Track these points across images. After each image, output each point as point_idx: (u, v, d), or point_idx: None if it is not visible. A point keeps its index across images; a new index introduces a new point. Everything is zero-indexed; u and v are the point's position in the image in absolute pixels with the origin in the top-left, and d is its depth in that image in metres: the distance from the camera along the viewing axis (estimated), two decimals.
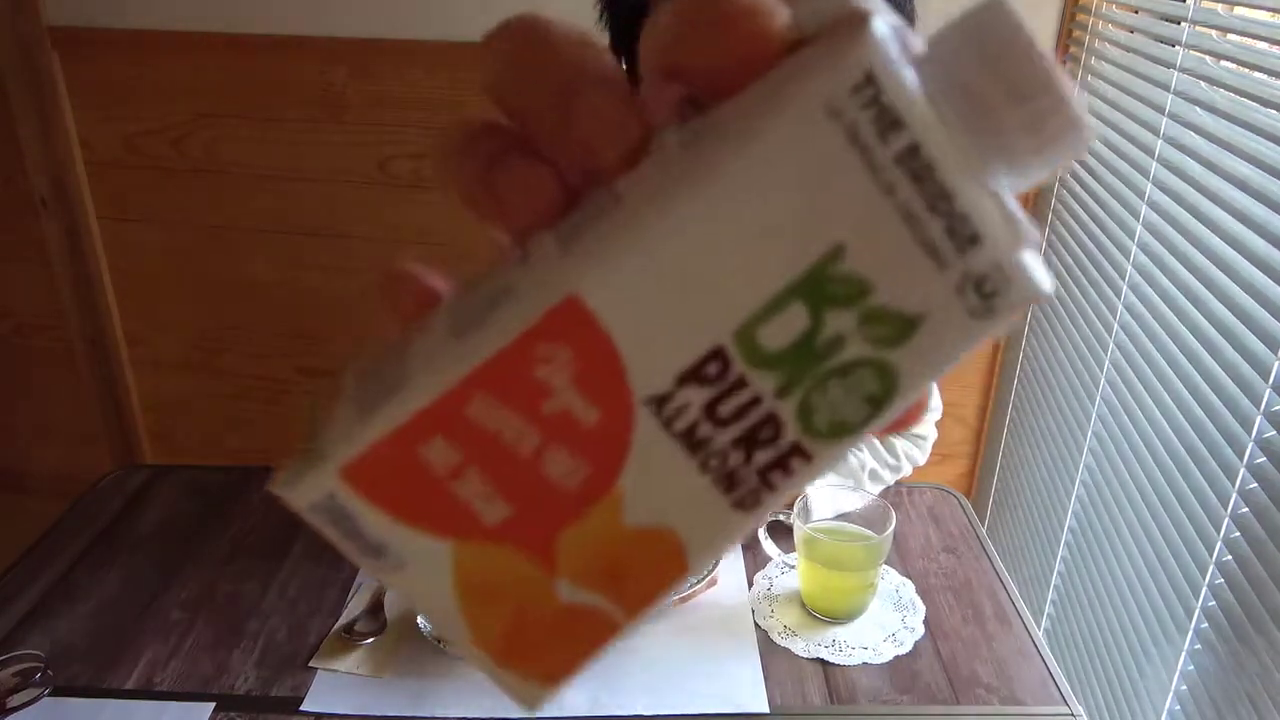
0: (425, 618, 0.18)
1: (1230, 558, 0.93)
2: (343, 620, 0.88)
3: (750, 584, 0.93)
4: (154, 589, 0.93)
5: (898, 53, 0.16)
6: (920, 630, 0.87)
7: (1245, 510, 0.91)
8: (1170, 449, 1.06)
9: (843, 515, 0.90)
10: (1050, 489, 1.42)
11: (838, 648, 0.85)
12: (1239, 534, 0.92)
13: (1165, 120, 1.13)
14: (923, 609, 0.90)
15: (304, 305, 1.70)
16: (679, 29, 0.17)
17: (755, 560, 0.95)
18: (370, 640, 0.85)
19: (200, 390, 1.79)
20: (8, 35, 1.53)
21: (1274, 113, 0.93)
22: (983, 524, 1.17)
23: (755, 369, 0.17)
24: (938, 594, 0.93)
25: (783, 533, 0.93)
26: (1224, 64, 1.04)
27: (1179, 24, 1.12)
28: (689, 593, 0.89)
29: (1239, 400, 0.93)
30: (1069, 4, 1.42)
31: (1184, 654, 1.00)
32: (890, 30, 0.16)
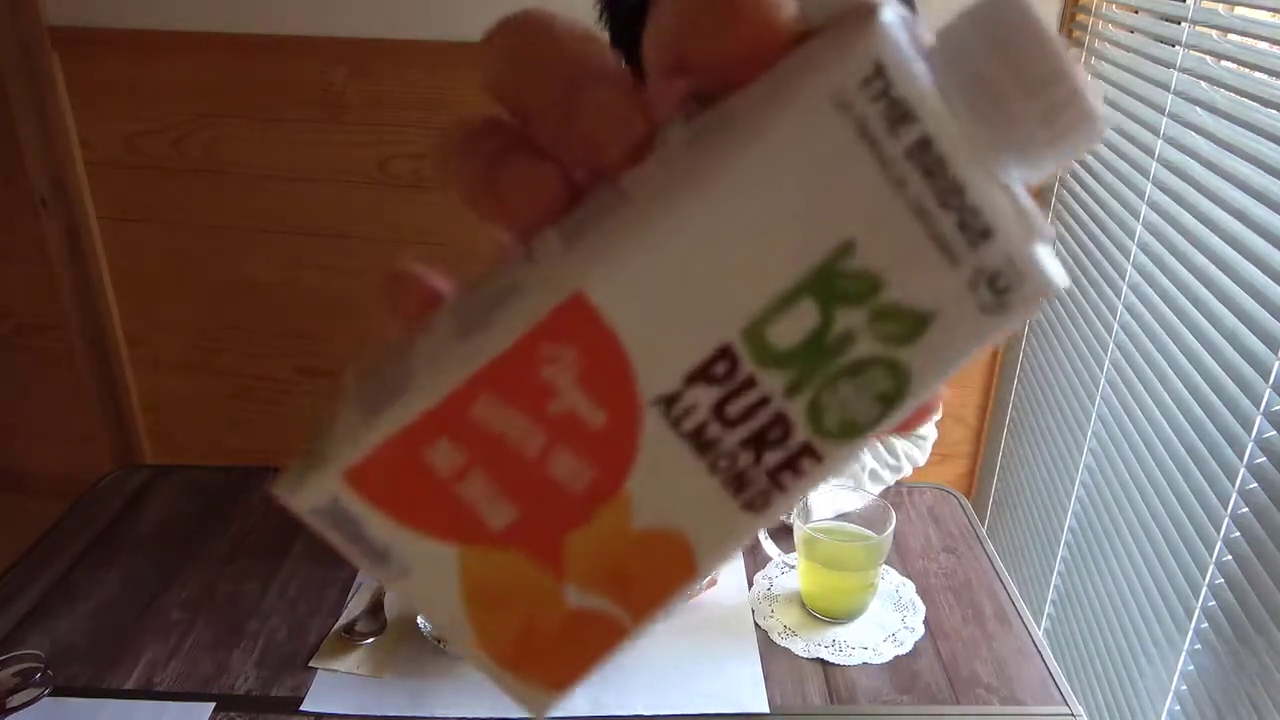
0: (431, 623, 0.17)
1: (1230, 558, 0.93)
2: (343, 620, 0.88)
3: (750, 584, 0.93)
4: (154, 589, 0.93)
5: (907, 44, 0.15)
6: (920, 630, 0.87)
7: (1245, 510, 0.91)
8: (1170, 449, 1.06)
9: (843, 515, 0.91)
10: (1050, 489, 1.42)
11: (838, 648, 0.85)
12: (1239, 534, 0.92)
13: (1165, 120, 1.13)
14: (923, 609, 0.90)
15: (304, 305, 1.69)
16: (684, 22, 0.16)
17: (755, 560, 0.95)
18: (370, 640, 0.85)
19: (200, 390, 1.79)
20: (8, 35, 1.53)
21: (1274, 113, 0.93)
22: (983, 524, 1.17)
23: (764, 368, 0.17)
24: (938, 594, 0.93)
25: (783, 533, 0.93)
26: (1224, 64, 1.04)
27: (1179, 24, 1.12)
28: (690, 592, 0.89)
29: (1239, 400, 0.93)
30: (1069, 4, 1.42)
31: (1184, 654, 0.99)
32: (899, 21, 0.15)
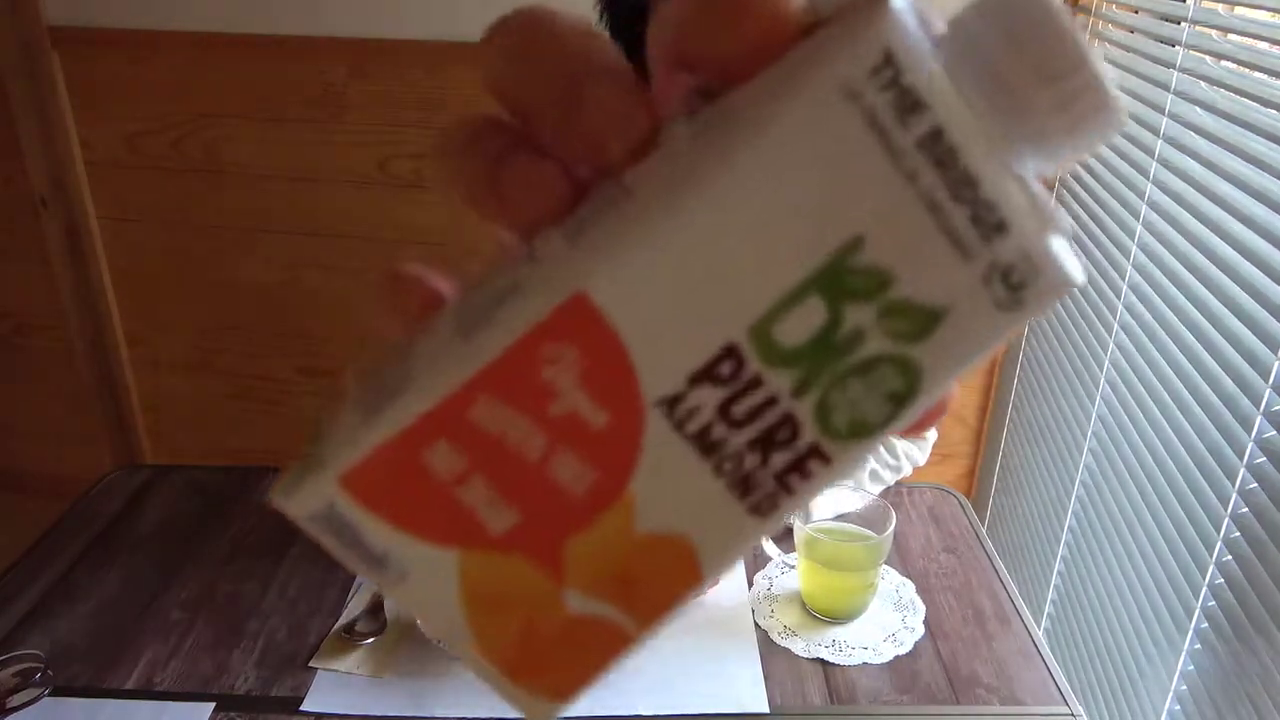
0: (430, 630, 0.17)
1: (1230, 558, 0.93)
2: (343, 620, 0.88)
3: (750, 584, 0.93)
4: (154, 589, 0.93)
5: (918, 31, 0.15)
6: (920, 630, 0.87)
7: (1245, 510, 0.91)
8: (1170, 449, 1.06)
9: (843, 515, 0.91)
10: (1050, 489, 1.42)
11: (838, 648, 0.85)
12: (1239, 534, 0.92)
13: (1165, 120, 1.13)
14: (923, 609, 0.90)
15: (304, 305, 1.69)
16: (690, 16, 0.16)
17: (755, 560, 0.95)
18: (370, 640, 0.85)
19: (200, 390, 1.79)
20: (8, 35, 1.53)
21: (1274, 113, 0.93)
22: (983, 524, 1.17)
23: (771, 367, 0.16)
24: (938, 594, 0.93)
25: (783, 533, 0.93)
26: (1224, 64, 1.04)
27: (1179, 24, 1.12)
28: None
29: (1239, 400, 0.93)
30: (1068, 4, 1.43)
31: (1184, 654, 0.99)
32: (909, 8, 0.15)
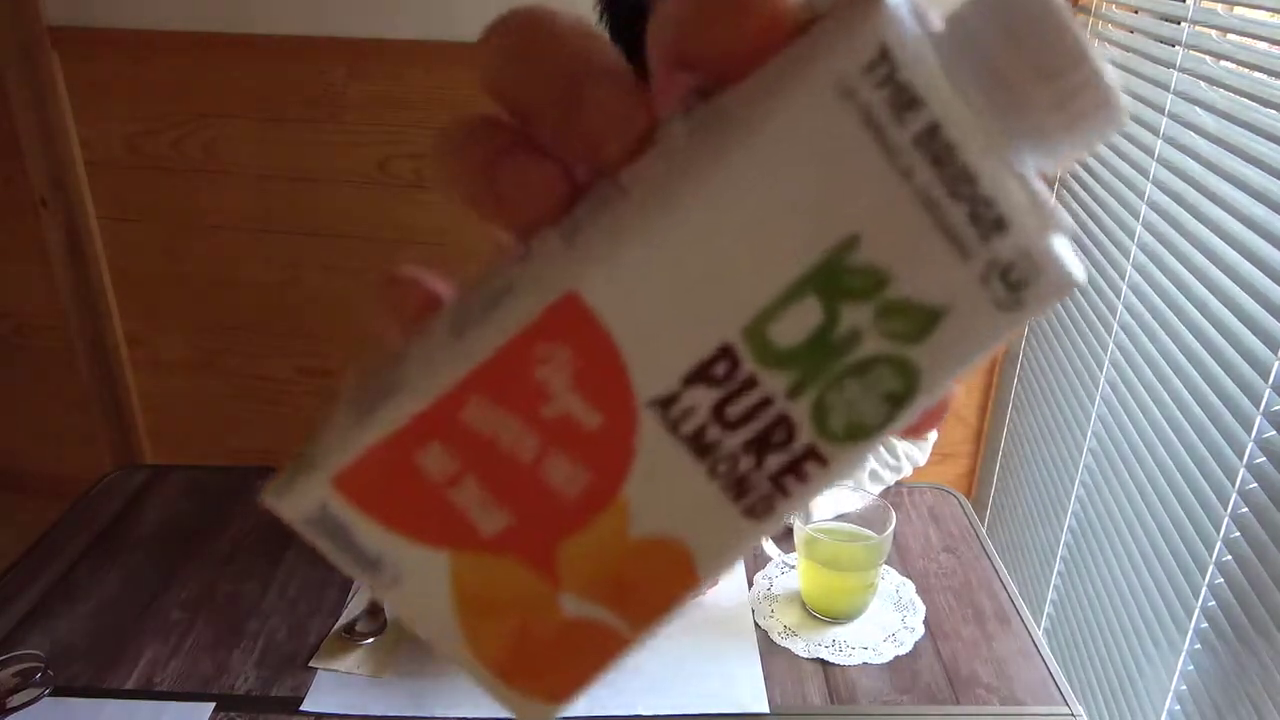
0: (424, 633, 0.17)
1: (1230, 558, 0.93)
2: (343, 620, 0.88)
3: (750, 584, 0.93)
4: (154, 589, 0.93)
5: (914, 27, 0.14)
6: (920, 630, 0.87)
7: (1245, 510, 0.91)
8: (1170, 449, 1.06)
9: (843, 515, 0.90)
10: (1050, 489, 1.42)
11: (838, 648, 0.85)
12: (1239, 534, 0.92)
13: (1165, 120, 1.13)
14: (923, 609, 0.90)
15: (304, 305, 1.70)
16: (690, 14, 0.16)
17: (755, 560, 0.95)
18: (370, 640, 0.85)
19: (200, 390, 1.79)
20: (8, 35, 1.53)
21: (1274, 113, 0.93)
22: (983, 524, 1.17)
23: (766, 368, 0.16)
24: (938, 594, 0.93)
25: (783, 533, 0.93)
26: (1224, 64, 1.04)
27: (1179, 24, 1.12)
28: None
29: (1239, 400, 0.93)
30: (1068, 4, 1.42)
31: (1184, 654, 1.00)
32: (905, 3, 0.15)
